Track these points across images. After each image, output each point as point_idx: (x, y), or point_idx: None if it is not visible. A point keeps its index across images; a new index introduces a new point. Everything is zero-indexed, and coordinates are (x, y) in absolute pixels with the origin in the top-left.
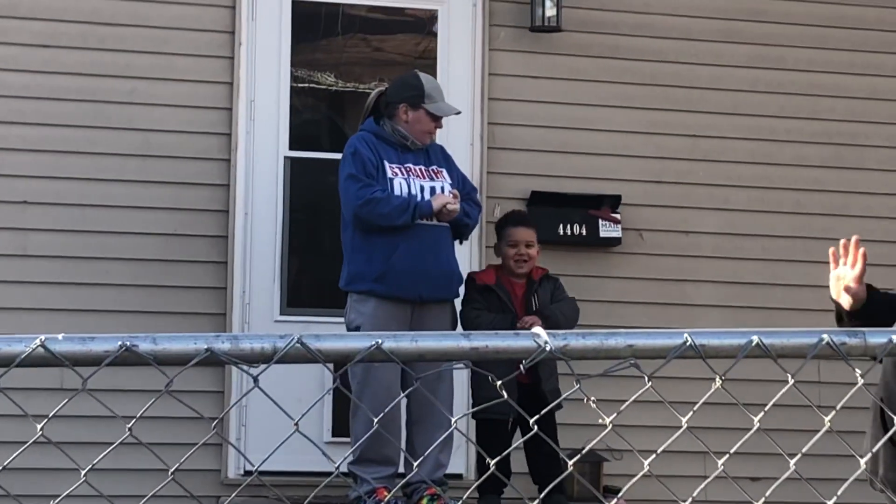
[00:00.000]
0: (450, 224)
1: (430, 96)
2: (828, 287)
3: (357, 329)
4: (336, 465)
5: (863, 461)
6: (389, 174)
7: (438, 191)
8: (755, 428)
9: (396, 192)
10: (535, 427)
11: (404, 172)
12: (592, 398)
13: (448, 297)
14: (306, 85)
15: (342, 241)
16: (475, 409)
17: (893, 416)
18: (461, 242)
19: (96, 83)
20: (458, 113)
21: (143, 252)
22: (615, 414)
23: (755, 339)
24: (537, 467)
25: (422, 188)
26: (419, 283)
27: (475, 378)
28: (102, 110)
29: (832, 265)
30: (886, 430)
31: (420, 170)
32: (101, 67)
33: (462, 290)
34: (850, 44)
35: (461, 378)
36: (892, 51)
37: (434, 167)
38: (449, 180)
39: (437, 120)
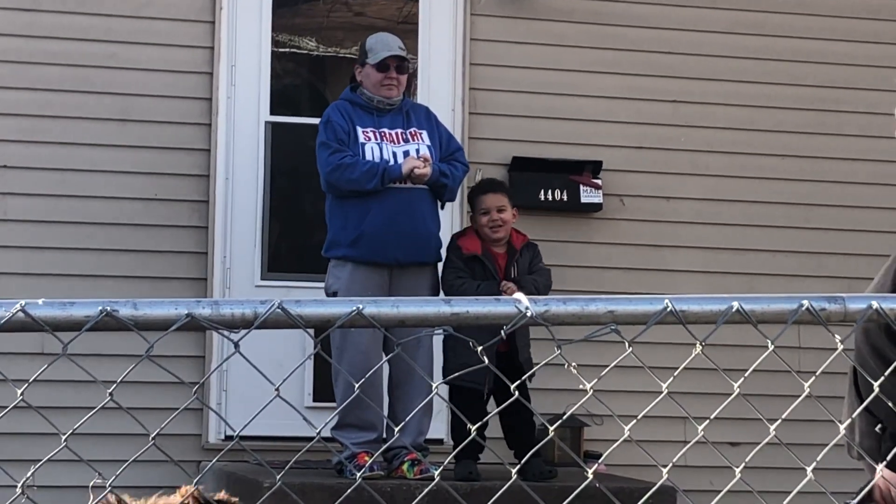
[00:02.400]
0: (429, 186)
1: (371, 50)
2: (808, 252)
3: (334, 294)
4: (317, 431)
5: (842, 427)
6: (362, 139)
7: (413, 154)
8: (735, 393)
9: (367, 157)
10: (517, 393)
11: (377, 137)
12: (573, 363)
13: (426, 260)
14: (287, 49)
15: (325, 209)
16: (452, 376)
17: (872, 381)
18: (442, 206)
19: (76, 47)
20: (404, 53)
21: (124, 217)
22: (596, 379)
23: (735, 304)
24: (515, 434)
25: (394, 154)
26: (393, 246)
27: (448, 345)
28: (83, 74)
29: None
30: (860, 398)
31: (396, 133)
32: (82, 31)
33: (444, 252)
34: (830, 9)
35: (441, 344)
36: (871, 17)
37: (413, 129)
38: (427, 142)
39: (384, 70)
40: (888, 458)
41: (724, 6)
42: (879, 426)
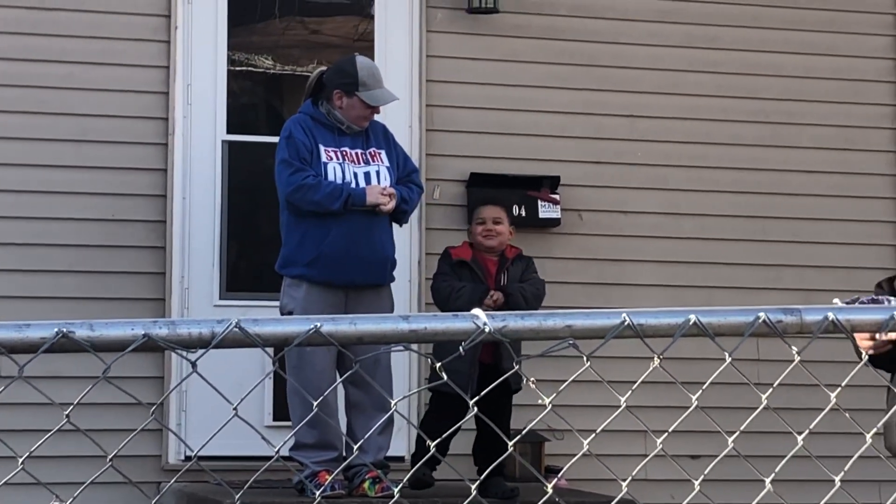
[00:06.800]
0: None
1: (364, 84)
2: (765, 265)
3: (290, 314)
4: (276, 450)
5: (800, 438)
6: (324, 158)
7: (373, 176)
8: (693, 406)
9: (330, 177)
10: (475, 409)
11: (339, 157)
12: (532, 378)
13: (382, 282)
14: (244, 68)
15: (280, 224)
16: (432, 384)
17: None
18: (400, 225)
19: (32, 68)
20: (397, 100)
21: (81, 238)
22: (555, 394)
23: (692, 317)
24: (485, 451)
25: (355, 175)
26: (351, 268)
27: (435, 351)
28: (38, 95)
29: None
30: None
31: (356, 154)
32: (37, 52)
33: (396, 275)
34: (785, 22)
35: (401, 361)
36: (826, 29)
37: (372, 149)
38: (387, 163)
39: (371, 107)
40: None
41: (678, 20)
42: None
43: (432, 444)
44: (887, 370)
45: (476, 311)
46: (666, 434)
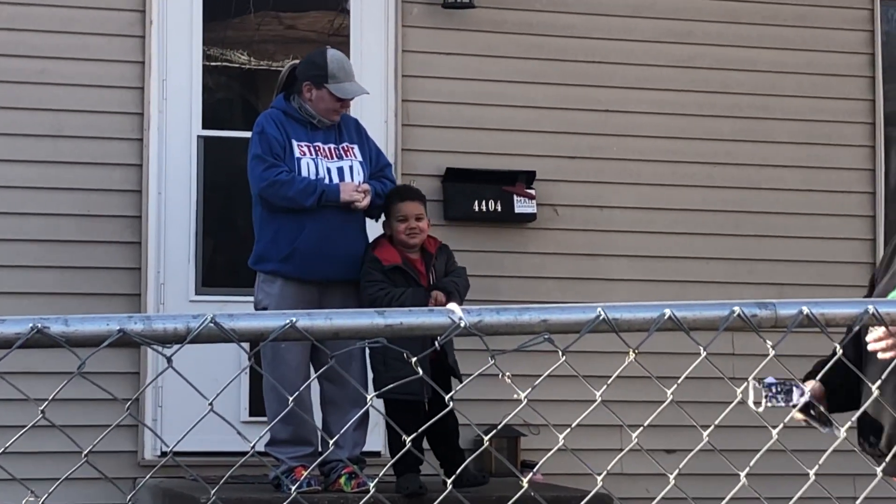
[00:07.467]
0: None
1: (333, 76)
2: (739, 259)
3: (264, 310)
4: (251, 445)
5: (774, 431)
6: (297, 154)
7: (346, 171)
8: (668, 400)
9: (304, 173)
10: (451, 404)
11: (312, 152)
12: (507, 373)
13: (355, 278)
14: (219, 63)
15: (252, 219)
16: (388, 387)
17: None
18: (376, 220)
19: (6, 63)
20: (366, 93)
21: (57, 233)
22: (530, 389)
23: (667, 312)
24: (441, 441)
25: (329, 170)
26: (325, 264)
27: (378, 359)
28: (13, 91)
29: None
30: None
31: (329, 149)
32: (11, 47)
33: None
34: (759, 17)
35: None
36: (800, 24)
37: (345, 144)
38: (360, 158)
39: (341, 100)
40: None
41: (652, 15)
42: None
43: (408, 440)
44: (859, 367)
45: (451, 305)
46: (641, 428)
